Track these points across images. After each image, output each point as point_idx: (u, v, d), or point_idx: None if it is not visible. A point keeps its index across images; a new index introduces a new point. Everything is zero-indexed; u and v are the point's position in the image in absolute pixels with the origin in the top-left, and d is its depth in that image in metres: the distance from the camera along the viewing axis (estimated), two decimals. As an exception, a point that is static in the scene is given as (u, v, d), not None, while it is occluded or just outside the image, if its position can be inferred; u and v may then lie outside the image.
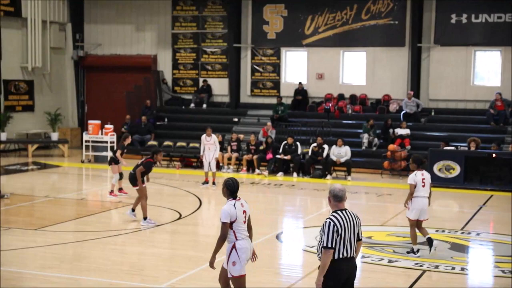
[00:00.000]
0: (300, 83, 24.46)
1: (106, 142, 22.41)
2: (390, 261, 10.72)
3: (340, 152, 20.01)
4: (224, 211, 7.40)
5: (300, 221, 14.40)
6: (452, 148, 19.05)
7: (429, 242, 11.00)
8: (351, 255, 6.53)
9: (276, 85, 25.26)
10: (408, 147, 20.94)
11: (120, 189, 16.04)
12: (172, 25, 26.31)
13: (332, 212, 6.55)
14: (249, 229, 7.55)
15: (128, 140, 15.95)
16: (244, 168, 20.90)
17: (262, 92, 25.47)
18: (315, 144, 20.23)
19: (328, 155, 19.98)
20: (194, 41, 26.14)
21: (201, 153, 17.90)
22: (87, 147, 22.67)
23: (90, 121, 23.39)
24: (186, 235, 12.70)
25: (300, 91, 24.35)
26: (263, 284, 9.48)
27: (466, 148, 18.78)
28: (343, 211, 6.53)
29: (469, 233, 13.00)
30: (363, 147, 21.48)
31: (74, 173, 21.38)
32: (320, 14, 24.32)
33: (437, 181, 18.56)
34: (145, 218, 12.86)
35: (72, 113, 27.64)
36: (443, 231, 13.02)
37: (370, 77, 24.13)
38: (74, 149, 25.14)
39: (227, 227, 7.32)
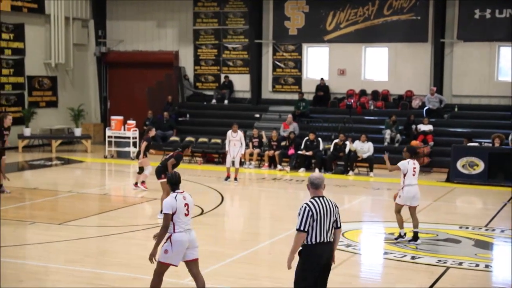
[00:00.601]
0: (321, 79, 24.38)
1: (129, 137, 22.55)
2: (413, 258, 10.66)
3: (363, 148, 19.94)
4: (165, 203, 7.56)
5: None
6: (476, 144, 18.88)
7: (414, 236, 11.41)
8: (327, 240, 6.82)
9: (298, 81, 25.21)
10: (431, 143, 20.79)
11: (143, 182, 16.18)
12: (194, 21, 26.36)
13: (310, 198, 6.83)
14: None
15: (152, 133, 16.11)
16: (266, 164, 20.91)
17: (284, 88, 25.43)
18: (337, 140, 20.17)
19: (350, 151, 19.91)
20: (216, 37, 26.17)
21: (226, 149, 17.98)
22: (109, 142, 22.82)
23: (112, 117, 23.54)
24: (208, 230, 12.72)
25: (322, 87, 24.27)
26: (285, 280, 9.47)
27: (490, 144, 18.59)
28: (320, 198, 6.81)
29: (493, 230, 12.89)
30: (385, 143, 21.36)
31: (97, 168, 21.54)
32: (341, 9, 24.21)
33: (460, 178, 18.45)
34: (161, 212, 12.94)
35: (95, 109, 27.85)
36: (467, 228, 12.91)
37: (392, 73, 23.97)
38: (97, 144, 25.31)
39: (168, 219, 7.46)
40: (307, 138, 20.68)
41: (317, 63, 25.21)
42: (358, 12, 24.03)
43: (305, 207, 6.73)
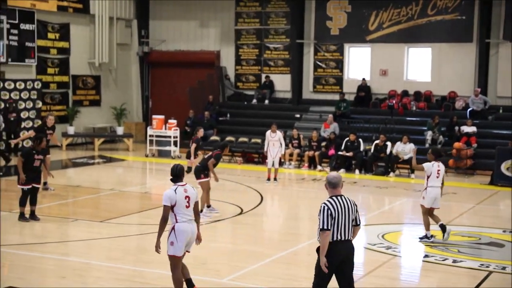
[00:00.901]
0: (363, 79, 24.20)
1: (170, 136, 22.73)
2: (454, 261, 10.49)
3: (405, 149, 19.73)
4: (164, 195, 7.76)
5: (362, 218, 14.18)
6: (521, 146, 18.49)
7: (442, 228, 11.54)
8: (347, 238, 6.91)
9: (339, 81, 25.07)
10: (475, 145, 20.44)
11: None
12: (236, 21, 26.44)
13: (328, 197, 6.95)
14: (196, 213, 7.86)
15: (201, 133, 16.33)
16: (306, 165, 20.85)
17: (325, 88, 25.32)
18: (378, 141, 19.99)
19: (391, 152, 19.72)
20: (257, 37, 26.20)
21: (265, 149, 18.01)
22: (151, 141, 23.05)
23: (154, 116, 23.77)
24: (247, 230, 12.76)
25: (363, 88, 24.09)
26: (324, 281, 9.43)
27: (536, 147, 18.19)
28: (338, 197, 6.92)
29: (538, 235, 12.59)
30: (427, 145, 21.09)
31: (138, 167, 21.79)
32: (384, 9, 23.98)
33: (505, 180, 18.08)
34: (206, 208, 13.25)
35: (137, 108, 28.17)
36: (511, 232, 12.64)
37: (435, 74, 23.65)
38: (138, 143, 25.59)
39: (166, 210, 7.71)
40: (347, 138, 20.56)
41: (359, 63, 25.02)
42: (401, 12, 23.77)
43: (324, 207, 6.85)
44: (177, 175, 7.85)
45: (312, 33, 25.27)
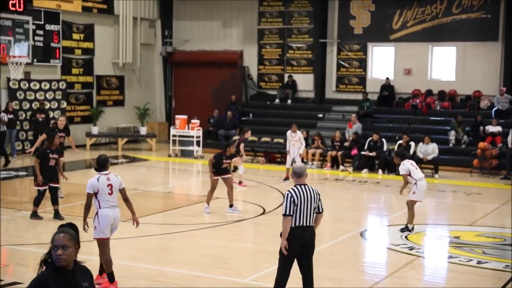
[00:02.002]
0: (387, 78, 24.05)
1: (193, 136, 22.79)
2: (479, 262, 10.37)
3: (427, 150, 19.58)
4: (88, 183, 8.52)
5: (384, 219, 14.16)
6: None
7: (412, 227, 12.05)
8: (308, 224, 7.35)
9: (362, 80, 24.94)
10: (500, 145, 20.20)
11: (240, 182, 16.37)
12: (259, 21, 26.44)
13: (293, 186, 7.43)
14: (125, 200, 8.67)
15: (248, 134, 16.54)
16: (329, 164, 20.78)
17: (348, 88, 25.20)
18: (401, 141, 19.85)
19: (414, 152, 19.57)
20: (280, 37, 26.17)
21: (287, 149, 18.04)
22: (174, 141, 23.14)
23: (177, 116, 23.86)
24: (270, 230, 12.72)
25: (387, 87, 23.94)
26: (347, 281, 9.40)
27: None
28: (302, 186, 7.38)
29: None
30: (451, 144, 20.90)
31: (161, 167, 21.88)
32: (408, 8, 23.81)
33: (530, 181, 17.86)
34: (230, 206, 13.50)
35: (160, 108, 28.30)
36: (536, 233, 12.47)
37: (460, 73, 23.42)
38: (161, 143, 25.70)
39: (89, 197, 8.44)
40: (370, 138, 20.44)
41: (382, 62, 24.88)
42: (425, 11, 23.58)
43: (287, 194, 7.32)
44: (101, 164, 8.57)
45: (335, 33, 25.17)
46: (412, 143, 19.68)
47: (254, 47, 26.63)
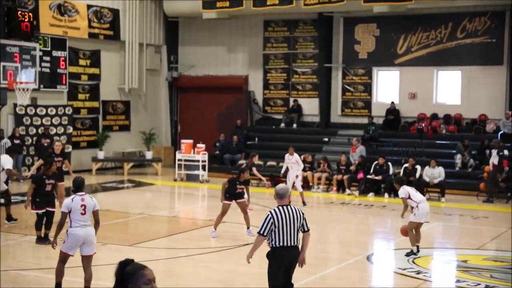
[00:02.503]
0: (392, 102, 24.09)
1: (198, 161, 22.81)
2: (487, 287, 10.28)
3: (434, 173, 19.53)
4: (63, 203, 9.08)
5: (391, 242, 14.08)
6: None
7: (417, 249, 12.07)
8: (291, 244, 7.47)
9: (367, 104, 24.99)
10: (506, 168, 20.13)
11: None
12: (264, 46, 26.60)
13: (275, 207, 7.57)
14: (96, 222, 9.03)
15: (256, 159, 16.56)
16: (334, 188, 20.74)
17: (353, 111, 25.25)
18: (407, 165, 19.82)
19: (421, 175, 19.53)
20: (285, 62, 26.30)
21: (282, 172, 18.14)
22: (179, 165, 23.16)
23: (182, 140, 23.91)
24: (276, 254, 12.69)
25: (392, 111, 23.97)
26: (354, 306, 9.32)
27: None
28: (284, 207, 7.52)
29: None
30: (457, 168, 20.86)
31: (167, 191, 21.87)
32: (413, 33, 23.92)
33: (537, 205, 17.76)
34: (248, 228, 13.56)
35: (165, 133, 28.38)
36: (545, 257, 12.37)
37: (465, 97, 23.45)
38: (167, 167, 25.72)
39: (63, 216, 8.93)
40: (376, 162, 20.42)
41: (387, 86, 24.95)
42: (430, 35, 23.70)
43: (268, 215, 7.48)
44: (77, 186, 9.08)
45: (340, 57, 25.29)
46: (418, 167, 19.64)
47: (260, 72, 26.75)
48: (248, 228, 13.67)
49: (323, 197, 20.10)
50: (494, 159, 19.68)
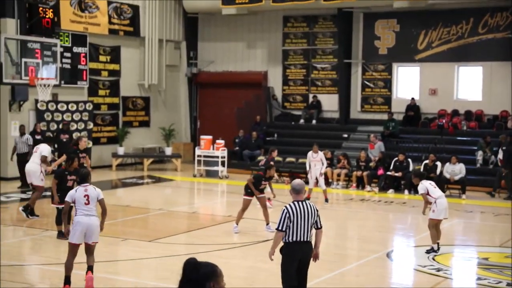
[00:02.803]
0: (412, 98, 23.94)
1: (217, 157, 22.84)
2: (508, 285, 10.18)
3: (454, 170, 19.38)
4: (68, 193, 9.59)
5: (411, 239, 14.01)
6: None
7: (437, 247, 11.94)
8: (305, 240, 7.54)
9: (387, 100, 24.86)
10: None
11: (268, 199, 16.31)
12: (283, 41, 26.55)
13: (291, 202, 7.65)
14: (102, 210, 9.52)
15: (275, 154, 16.55)
16: (354, 185, 20.67)
17: (373, 108, 25.13)
18: (427, 161, 19.69)
19: (441, 172, 19.39)
20: (305, 57, 26.24)
21: (307, 169, 18.01)
22: (199, 161, 23.21)
23: (202, 136, 23.95)
24: (295, 250, 12.67)
25: (412, 107, 23.82)
26: (373, 303, 9.28)
27: None
28: (299, 202, 7.60)
29: None
30: (478, 165, 20.68)
31: (186, 187, 21.94)
32: (434, 28, 23.74)
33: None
34: (267, 224, 13.54)
35: (185, 128, 28.46)
36: None
37: (486, 93, 23.23)
38: (186, 163, 25.79)
39: (66, 205, 9.59)
40: (396, 158, 20.31)
41: (408, 82, 24.79)
42: (451, 31, 23.50)
43: (283, 210, 7.57)
44: (82, 178, 9.58)
45: (360, 53, 25.17)
46: (439, 163, 19.51)
47: (279, 68, 26.71)
48: (267, 224, 13.68)
49: (342, 194, 20.05)
50: (500, 155, 19.55)
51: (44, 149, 14.84)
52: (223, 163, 22.90)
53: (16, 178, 19.90)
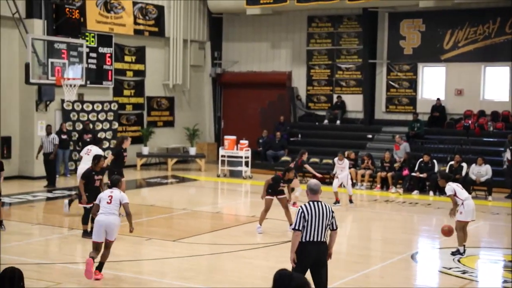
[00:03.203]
0: (438, 99, 23.73)
1: (241, 157, 22.87)
2: (535, 288, 10.05)
3: (480, 171, 19.17)
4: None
5: (436, 241, 13.87)
6: None
7: (464, 249, 11.84)
8: (319, 240, 7.51)
9: (412, 101, 24.67)
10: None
11: (294, 203, 16.31)
12: (307, 41, 26.49)
13: (307, 202, 7.66)
14: (126, 214, 10.01)
15: (305, 156, 16.66)
16: (378, 186, 20.55)
17: (398, 108, 24.96)
18: (452, 162, 19.50)
19: (467, 173, 19.19)
20: (329, 58, 26.15)
21: (334, 172, 18.04)
22: (222, 161, 23.25)
23: (226, 137, 23.98)
24: (319, 251, 12.63)
25: (438, 108, 23.61)
26: (397, 305, 9.22)
27: None
28: (315, 202, 7.59)
29: None
30: (504, 166, 20.42)
31: (210, 187, 22.00)
32: (460, 28, 23.50)
33: None
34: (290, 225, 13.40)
35: (209, 129, 28.53)
36: None
37: (513, 93, 22.94)
38: (210, 163, 25.85)
39: (95, 206, 10.13)
40: (421, 159, 20.15)
41: (433, 83, 24.58)
42: (477, 31, 23.24)
43: (299, 210, 7.56)
44: (112, 183, 10.27)
45: (385, 53, 25.02)
46: (464, 164, 19.31)
47: (303, 68, 26.66)
48: (290, 224, 13.65)
49: (366, 195, 19.94)
50: (508, 154, 19.30)
51: (96, 151, 14.88)
52: (246, 163, 22.92)
53: (42, 177, 20.14)
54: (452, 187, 11.87)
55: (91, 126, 22.80)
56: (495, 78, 23.59)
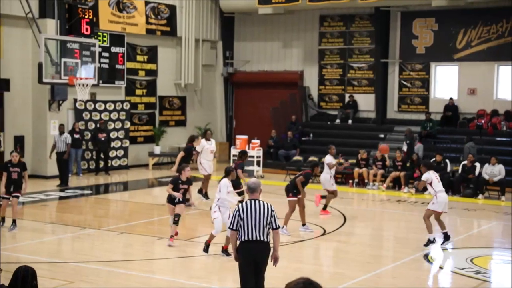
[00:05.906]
0: (450, 98, 23.62)
1: (253, 156, 22.86)
2: (549, 289, 9.98)
3: (494, 171, 19.06)
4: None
5: (449, 241, 13.79)
6: None
7: (446, 237, 12.53)
8: (257, 239, 7.40)
9: (425, 100, 24.57)
10: None
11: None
12: (319, 41, 26.45)
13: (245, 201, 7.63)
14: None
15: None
16: (385, 185, 20.45)
17: (410, 108, 24.87)
18: (465, 162, 19.40)
19: (480, 173, 19.09)
20: (341, 57, 26.09)
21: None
22: (234, 161, 23.22)
23: (237, 136, 24.00)
24: (330, 251, 12.62)
25: (450, 107, 23.50)
26: (409, 305, 9.19)
27: None
28: (253, 201, 7.52)
29: None
30: (518, 166, 20.30)
31: (222, 186, 21.93)
32: (473, 27, 23.38)
33: None
34: (282, 227, 13.30)
35: (221, 128, 28.55)
36: None
37: (527, 92, 22.79)
38: (222, 163, 25.82)
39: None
40: (433, 159, 20.05)
41: (446, 82, 24.46)
42: (491, 29, 23.11)
43: (235, 209, 7.55)
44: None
45: (397, 52, 24.93)
46: (478, 164, 19.21)
47: (315, 67, 26.62)
48: (303, 225, 13.66)
49: (378, 194, 19.88)
50: None
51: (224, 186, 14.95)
52: (258, 163, 22.91)
53: (55, 176, 20.24)
54: (430, 176, 12.46)
55: (108, 125, 22.89)
56: (508, 77, 23.43)
